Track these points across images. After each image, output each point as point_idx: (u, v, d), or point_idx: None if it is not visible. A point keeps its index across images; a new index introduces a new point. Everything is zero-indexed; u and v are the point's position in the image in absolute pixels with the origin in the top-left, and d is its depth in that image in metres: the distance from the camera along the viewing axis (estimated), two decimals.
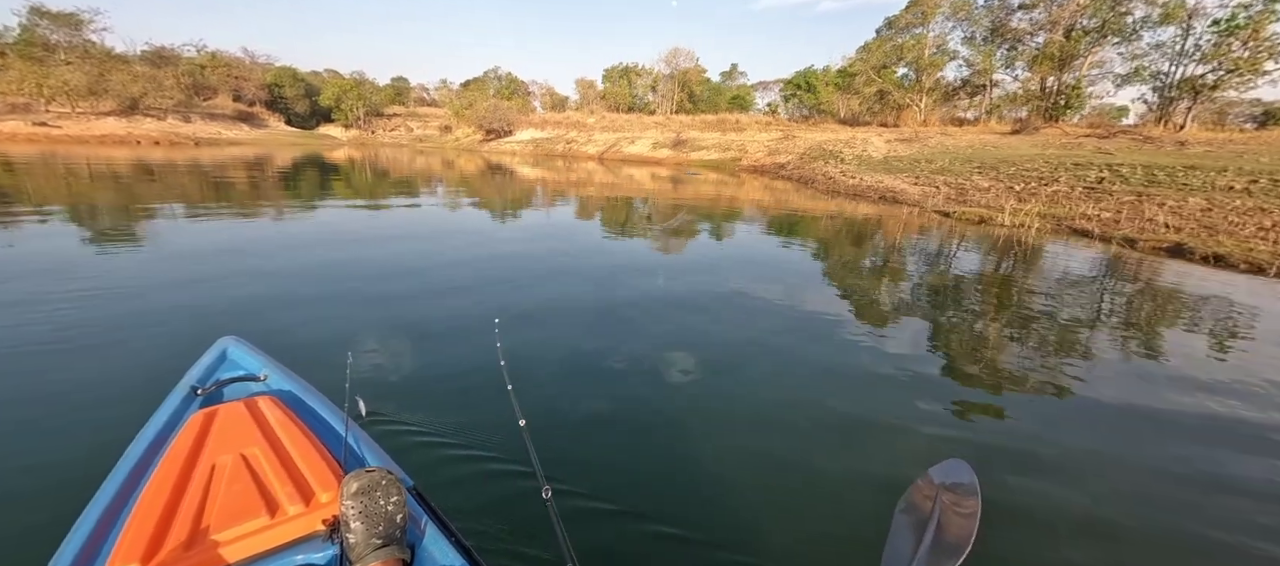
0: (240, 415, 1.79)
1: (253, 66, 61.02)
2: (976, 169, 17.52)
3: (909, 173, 18.82)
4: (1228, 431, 3.35)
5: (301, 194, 13.48)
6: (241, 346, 2.36)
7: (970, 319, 5.53)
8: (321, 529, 1.38)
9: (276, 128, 58.66)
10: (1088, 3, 29.05)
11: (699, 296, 5.75)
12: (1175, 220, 10.44)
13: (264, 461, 1.57)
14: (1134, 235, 9.69)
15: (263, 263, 6.30)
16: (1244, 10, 25.80)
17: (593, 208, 13.25)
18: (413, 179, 19.12)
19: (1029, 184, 14.93)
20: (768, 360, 4.14)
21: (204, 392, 2.08)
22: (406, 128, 62.86)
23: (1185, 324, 5.54)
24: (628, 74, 57.58)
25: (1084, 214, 11.58)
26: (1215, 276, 7.52)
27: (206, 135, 49.49)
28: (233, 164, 21.75)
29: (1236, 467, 2.95)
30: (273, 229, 8.69)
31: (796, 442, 3.04)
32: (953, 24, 33.40)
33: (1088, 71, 29.99)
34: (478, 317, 4.61)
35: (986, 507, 1.15)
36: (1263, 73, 25.78)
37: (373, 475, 1.33)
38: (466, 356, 3.87)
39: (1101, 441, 3.19)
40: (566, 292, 5.64)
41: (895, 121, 34.50)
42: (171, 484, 1.44)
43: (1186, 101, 28.19)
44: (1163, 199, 11.85)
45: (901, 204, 14.82)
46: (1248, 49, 25.71)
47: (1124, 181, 13.94)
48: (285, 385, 2.15)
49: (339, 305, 4.91)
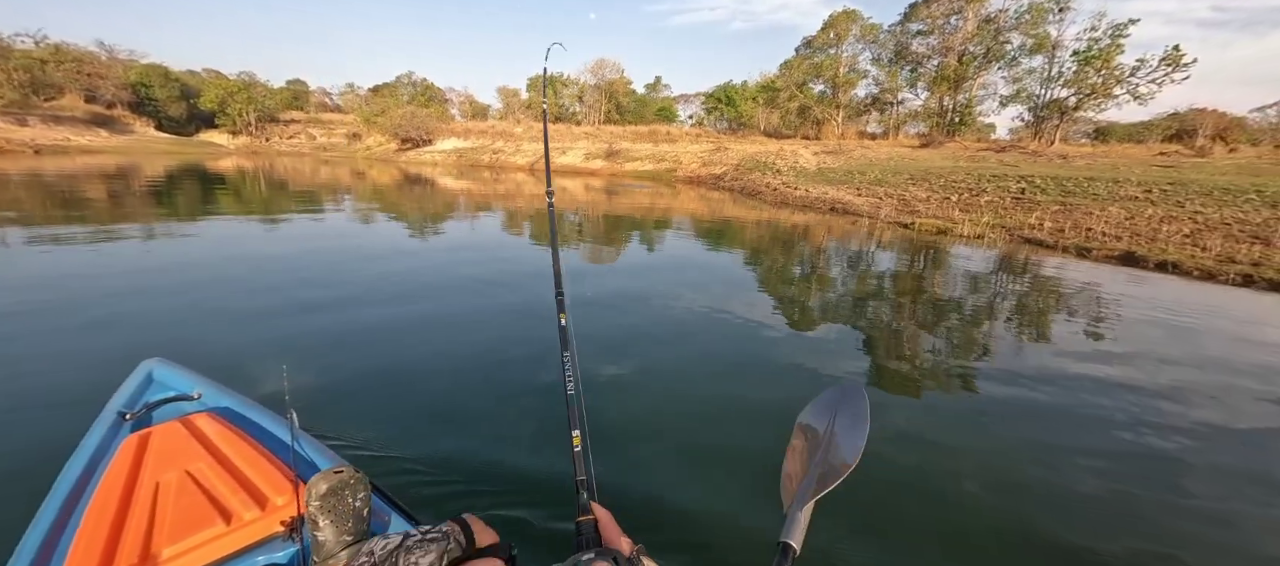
0: (177, 434, 1.72)
1: (111, 63, 52.14)
2: (909, 180, 18.25)
3: (847, 184, 19.27)
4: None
5: (182, 212, 10.91)
6: (168, 367, 2.27)
7: (1047, 348, 5.06)
8: (280, 530, 1.38)
9: (144, 133, 50.52)
10: (974, 32, 32.07)
11: (829, 337, 4.85)
12: (1110, 228, 11.13)
13: (211, 474, 1.52)
14: (1085, 244, 10.14)
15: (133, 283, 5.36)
16: (1095, 43, 29.64)
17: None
18: (316, 190, 16.59)
19: (962, 195, 15.65)
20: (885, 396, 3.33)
21: (133, 417, 1.96)
22: (308, 135, 56.63)
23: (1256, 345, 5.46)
24: (553, 83, 55.92)
25: (1030, 223, 12.11)
26: (1179, 284, 7.85)
27: (50, 141, 41.47)
28: (86, 176, 17.91)
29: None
30: (135, 251, 6.64)
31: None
32: (862, 46, 35.55)
33: (976, 92, 33.08)
34: (402, 329, 4.57)
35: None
36: (1112, 97, 29.72)
37: (341, 475, 1.29)
38: (390, 366, 3.85)
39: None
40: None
41: (816, 135, 36.03)
42: (114, 507, 1.38)
43: (1054, 120, 31.91)
44: (1087, 208, 12.72)
45: (853, 215, 14.92)
46: (1101, 76, 29.53)
47: (1042, 192, 14.97)
48: (222, 401, 2.09)
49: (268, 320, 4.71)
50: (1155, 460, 3.10)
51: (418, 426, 3.07)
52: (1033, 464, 3.00)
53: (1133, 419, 3.57)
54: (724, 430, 3.20)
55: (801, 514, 0.73)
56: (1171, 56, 28.25)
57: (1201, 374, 4.45)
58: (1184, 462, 3.08)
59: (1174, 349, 5.04)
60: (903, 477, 2.78)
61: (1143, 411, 3.68)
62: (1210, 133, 37.43)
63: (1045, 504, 2.64)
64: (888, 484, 2.71)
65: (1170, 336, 5.43)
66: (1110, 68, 29.06)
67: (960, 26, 32.28)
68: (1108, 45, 29.23)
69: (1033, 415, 3.60)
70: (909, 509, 2.57)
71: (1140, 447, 3.22)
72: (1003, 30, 31.43)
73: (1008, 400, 3.78)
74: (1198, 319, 6.14)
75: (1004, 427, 3.44)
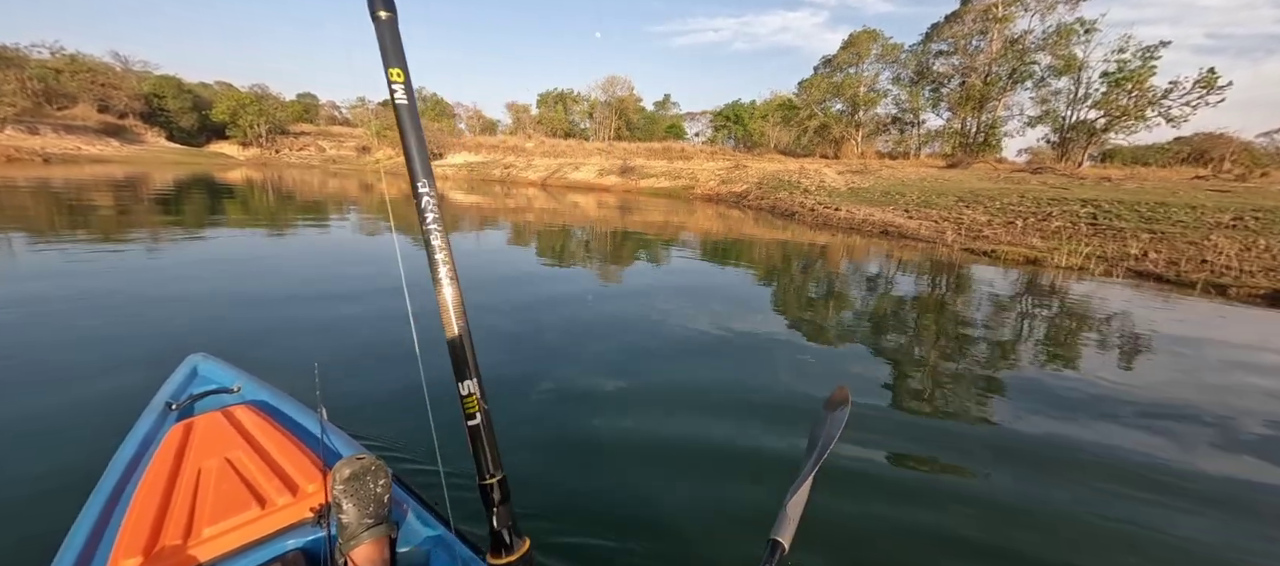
0: (219, 424, 1.77)
1: (124, 74, 51.19)
2: (958, 202, 16.74)
3: (889, 204, 17.74)
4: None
5: (191, 221, 9.40)
6: (211, 362, 2.32)
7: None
8: (309, 516, 1.41)
9: (155, 143, 49.45)
10: (999, 52, 30.89)
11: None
12: (1233, 261, 9.54)
13: (249, 462, 1.56)
14: (1216, 280, 8.57)
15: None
16: (1122, 66, 28.41)
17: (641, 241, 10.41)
18: (324, 202, 15.08)
19: (1027, 219, 14.12)
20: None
21: (179, 408, 2.00)
22: (317, 147, 55.53)
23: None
24: (563, 99, 54.94)
25: (1132, 254, 10.55)
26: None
27: (61, 150, 40.28)
28: (95, 185, 16.80)
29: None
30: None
31: None
32: (882, 65, 34.39)
33: (1001, 113, 31.80)
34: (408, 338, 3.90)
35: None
36: (1144, 119, 28.40)
37: (363, 462, 1.31)
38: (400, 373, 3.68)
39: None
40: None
41: (835, 154, 34.70)
42: (161, 489, 1.42)
43: (1082, 142, 30.57)
44: (1189, 238, 11.16)
45: (910, 239, 13.37)
46: (1132, 98, 28.25)
47: (1118, 218, 13.43)
48: (259, 394, 2.12)
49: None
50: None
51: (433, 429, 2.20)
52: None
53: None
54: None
55: (790, 508, 0.71)
56: (1206, 79, 26.99)
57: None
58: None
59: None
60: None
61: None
62: (1220, 156, 36.09)
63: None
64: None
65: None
66: (1143, 90, 27.80)
67: (985, 47, 31.12)
68: (1139, 67, 28.01)
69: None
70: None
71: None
72: (1028, 50, 30.27)
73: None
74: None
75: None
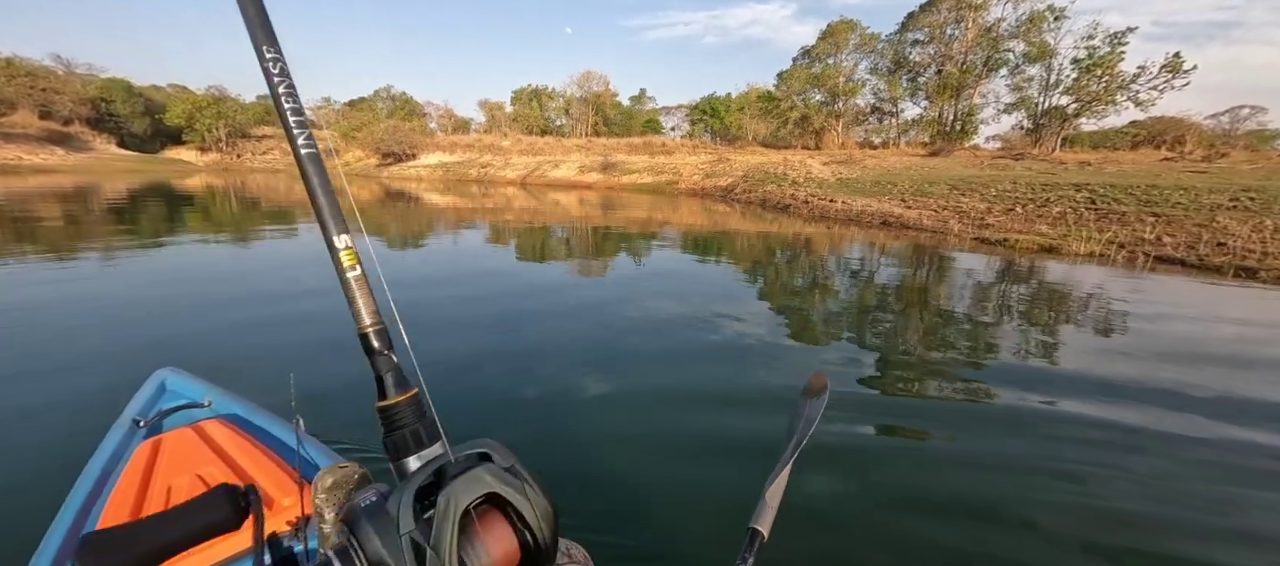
0: (189, 439, 1.68)
1: (67, 78, 47.62)
2: (953, 190, 16.39)
3: (882, 194, 17.31)
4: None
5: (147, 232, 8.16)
6: (180, 376, 2.23)
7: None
8: (287, 529, 1.39)
9: (105, 150, 46.22)
10: (974, 40, 30.93)
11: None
12: (1245, 243, 9.25)
13: (221, 477, 1.48)
14: (1242, 263, 8.22)
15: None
16: (1092, 53, 28.74)
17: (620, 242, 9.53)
18: (291, 209, 13.83)
19: (1027, 206, 13.80)
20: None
21: (147, 424, 1.89)
22: (282, 151, 52.76)
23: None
24: (538, 96, 53.45)
25: (1147, 238, 10.21)
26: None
27: (1, 160, 37.18)
28: (41, 197, 15.28)
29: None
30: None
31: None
32: (860, 55, 34.15)
33: (977, 100, 31.91)
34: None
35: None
36: (1114, 103, 28.81)
37: (345, 470, 1.17)
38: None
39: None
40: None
41: (816, 145, 34.37)
42: (129, 508, 1.37)
43: (1054, 127, 30.90)
44: (1197, 220, 10.91)
45: (913, 230, 12.88)
46: (1102, 84, 28.60)
47: (1118, 202, 13.20)
48: (232, 408, 2.03)
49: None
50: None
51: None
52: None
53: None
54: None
55: (769, 496, 0.72)
56: (1172, 64, 27.49)
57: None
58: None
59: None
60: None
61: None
62: (1179, 138, 37.07)
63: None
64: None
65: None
66: (1113, 75, 28.17)
67: (960, 35, 31.11)
68: (1108, 53, 28.37)
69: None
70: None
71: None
72: (1002, 38, 30.36)
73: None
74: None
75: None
